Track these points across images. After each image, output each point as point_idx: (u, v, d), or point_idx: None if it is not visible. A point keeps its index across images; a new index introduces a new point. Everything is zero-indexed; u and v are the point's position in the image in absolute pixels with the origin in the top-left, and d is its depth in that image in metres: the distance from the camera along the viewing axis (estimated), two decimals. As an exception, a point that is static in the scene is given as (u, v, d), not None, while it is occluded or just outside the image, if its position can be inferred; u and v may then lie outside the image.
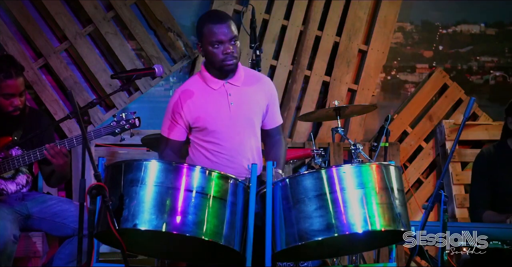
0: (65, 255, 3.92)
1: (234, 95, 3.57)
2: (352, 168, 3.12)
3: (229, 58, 3.49)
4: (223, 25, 3.48)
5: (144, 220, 2.98)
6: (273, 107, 3.67)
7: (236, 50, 3.50)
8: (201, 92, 3.57)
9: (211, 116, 3.53)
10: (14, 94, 4.03)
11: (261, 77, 3.71)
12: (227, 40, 3.47)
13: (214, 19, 3.52)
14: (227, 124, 3.53)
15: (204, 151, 3.57)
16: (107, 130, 3.87)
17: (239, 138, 3.55)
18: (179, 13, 5.60)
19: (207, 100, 3.55)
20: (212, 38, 3.48)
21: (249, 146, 3.57)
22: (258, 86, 3.63)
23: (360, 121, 5.86)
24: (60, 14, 5.31)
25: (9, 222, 3.85)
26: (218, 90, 3.57)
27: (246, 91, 3.59)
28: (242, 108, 3.56)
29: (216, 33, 3.47)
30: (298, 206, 3.06)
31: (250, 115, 3.58)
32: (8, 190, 4.07)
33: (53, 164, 3.91)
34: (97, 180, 2.96)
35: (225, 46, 3.47)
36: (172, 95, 3.66)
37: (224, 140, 3.54)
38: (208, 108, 3.54)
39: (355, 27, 5.87)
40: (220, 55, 3.49)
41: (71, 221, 3.95)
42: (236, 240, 3.08)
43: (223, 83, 3.57)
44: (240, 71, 3.61)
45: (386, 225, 3.05)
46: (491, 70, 6.30)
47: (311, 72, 5.80)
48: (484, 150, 4.35)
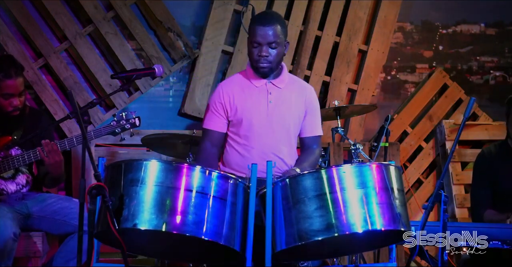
0: (66, 252, 3.92)
1: (274, 94, 3.68)
2: (352, 167, 3.12)
3: (262, 61, 3.61)
4: (265, 28, 3.59)
5: (144, 220, 2.98)
6: (311, 115, 3.77)
7: (274, 55, 3.61)
8: (243, 87, 3.70)
9: (248, 111, 3.65)
10: (14, 95, 4.03)
11: (304, 85, 3.84)
12: (265, 43, 3.58)
13: (260, 20, 3.66)
14: (263, 121, 3.65)
15: (237, 146, 3.68)
16: (107, 130, 3.88)
17: (273, 136, 3.65)
18: (179, 13, 5.60)
19: (248, 95, 3.67)
20: (253, 38, 3.62)
21: (282, 145, 3.67)
22: (300, 92, 3.75)
23: (360, 121, 5.86)
24: (60, 14, 5.31)
25: (9, 220, 3.85)
26: (259, 88, 3.69)
27: (286, 94, 3.71)
28: (280, 108, 3.68)
29: (256, 34, 3.60)
30: (298, 206, 3.06)
31: (286, 116, 3.68)
32: (8, 190, 4.07)
33: (46, 164, 3.91)
34: (97, 180, 2.96)
35: (262, 49, 3.59)
36: (216, 87, 3.78)
37: (258, 136, 3.64)
38: (247, 102, 3.66)
39: (355, 27, 5.87)
40: (255, 55, 3.62)
41: (72, 218, 3.95)
42: (236, 240, 3.08)
43: (265, 82, 3.70)
44: (284, 75, 3.74)
45: (386, 225, 3.05)
46: (491, 70, 6.30)
47: (311, 72, 5.80)
48: (485, 150, 4.35)
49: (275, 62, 3.64)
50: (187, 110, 5.55)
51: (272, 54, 3.61)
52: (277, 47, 3.61)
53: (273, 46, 3.60)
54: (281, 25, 3.64)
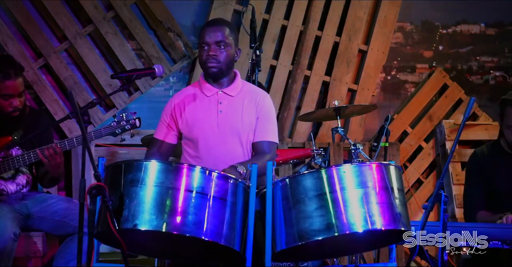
0: (66, 253, 3.92)
1: (225, 104, 3.62)
2: (352, 167, 3.11)
3: (210, 61, 3.56)
4: (212, 28, 3.58)
5: (144, 220, 2.98)
6: (262, 120, 3.64)
7: (222, 55, 3.56)
8: (194, 98, 3.65)
9: (198, 122, 3.60)
10: (13, 95, 4.03)
11: (257, 91, 3.73)
12: (213, 42, 3.55)
13: (209, 22, 3.68)
14: (213, 132, 3.59)
15: (189, 157, 3.63)
16: (107, 131, 3.88)
17: (224, 147, 3.59)
18: (179, 13, 5.60)
19: (198, 106, 3.62)
20: (200, 39, 3.61)
21: (233, 155, 3.58)
22: (251, 98, 3.66)
23: (360, 121, 5.86)
24: (60, 14, 5.31)
25: (9, 220, 3.85)
26: (210, 98, 3.64)
27: (238, 102, 3.64)
28: (230, 118, 3.60)
29: (204, 35, 3.59)
30: (298, 206, 3.05)
31: (237, 125, 3.60)
32: (8, 190, 4.07)
33: (46, 165, 3.91)
34: (97, 180, 2.96)
35: (210, 48, 3.56)
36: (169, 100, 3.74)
37: (208, 147, 3.58)
38: (197, 114, 3.61)
39: (355, 27, 5.87)
40: (203, 56, 3.58)
41: (71, 219, 3.95)
42: (236, 240, 3.08)
43: (217, 91, 3.64)
44: (238, 82, 3.68)
45: (386, 225, 3.05)
46: (491, 70, 6.31)
47: (311, 72, 5.80)
48: (477, 150, 4.34)
49: (224, 63, 3.57)
50: (187, 110, 5.54)
51: (221, 54, 3.55)
52: (226, 47, 3.56)
53: (221, 46, 3.55)
54: (230, 28, 3.62)
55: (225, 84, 3.65)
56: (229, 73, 3.65)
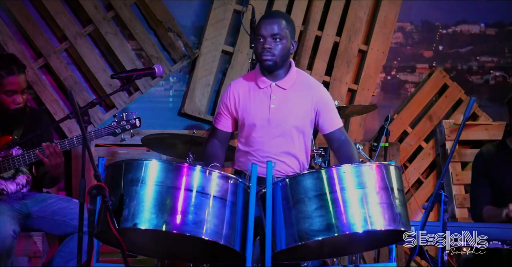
0: (66, 253, 3.92)
1: (277, 98, 3.63)
2: (352, 167, 3.11)
3: (265, 53, 3.57)
4: (268, 21, 3.60)
5: (144, 220, 2.98)
6: (326, 111, 3.70)
7: (278, 48, 3.57)
8: (249, 88, 3.67)
9: (250, 114, 3.64)
10: (17, 91, 4.03)
11: (312, 84, 3.75)
12: (269, 35, 3.56)
13: (266, 15, 3.73)
14: (263, 126, 3.62)
15: (242, 146, 3.70)
16: (107, 131, 3.88)
17: (273, 141, 3.62)
18: (179, 13, 5.60)
19: (252, 98, 3.65)
20: (257, 32, 3.62)
21: (283, 149, 3.63)
22: (306, 92, 3.68)
23: (360, 121, 5.86)
24: (60, 14, 5.31)
25: (8, 217, 3.85)
26: (263, 90, 3.66)
27: (291, 96, 3.65)
28: (282, 113, 3.62)
29: (260, 27, 3.60)
30: (298, 206, 3.05)
31: (288, 120, 3.62)
32: (8, 190, 4.07)
33: (46, 165, 3.91)
34: (97, 180, 2.95)
35: (265, 41, 3.57)
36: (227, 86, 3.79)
37: (258, 139, 3.63)
38: (250, 106, 3.64)
39: (355, 27, 5.87)
40: (259, 48, 3.60)
41: (71, 218, 3.95)
42: (236, 240, 3.08)
43: (270, 84, 3.65)
44: (292, 74, 3.68)
45: (386, 225, 3.05)
46: (491, 70, 6.31)
47: (311, 72, 5.80)
48: (483, 149, 4.34)
49: (279, 56, 3.58)
50: (187, 110, 5.55)
51: (276, 47, 3.56)
52: (281, 40, 3.57)
53: (276, 39, 3.56)
54: (286, 21, 3.62)
55: (279, 76, 3.66)
56: (284, 65, 3.66)
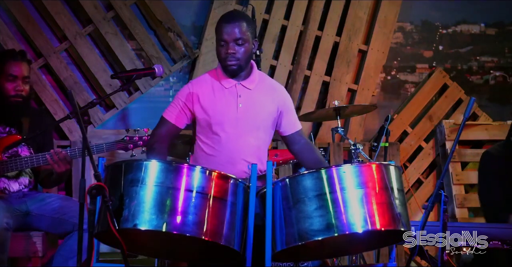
0: (65, 251, 3.91)
1: (244, 97, 3.60)
2: (352, 167, 3.11)
3: (230, 59, 3.53)
4: (230, 25, 3.53)
5: (144, 220, 2.98)
6: (287, 114, 3.70)
7: (241, 52, 3.53)
8: (213, 88, 3.62)
9: (217, 114, 3.57)
10: (17, 77, 4.03)
11: (275, 85, 3.75)
12: (231, 40, 3.51)
13: (225, 18, 3.59)
14: (232, 125, 3.57)
15: (205, 147, 3.60)
16: (120, 145, 3.92)
17: (242, 140, 3.58)
18: (179, 13, 5.60)
19: (217, 97, 3.60)
20: (218, 36, 3.55)
21: (252, 149, 3.59)
22: (271, 93, 3.67)
23: (360, 121, 5.86)
24: (60, 14, 5.31)
25: (1, 209, 3.83)
26: (229, 90, 3.61)
27: (256, 96, 3.63)
28: (250, 111, 3.60)
29: (222, 32, 3.53)
30: (298, 206, 3.05)
31: (256, 119, 3.60)
32: (10, 188, 4.07)
33: (55, 170, 3.92)
34: (97, 180, 2.95)
35: (228, 46, 3.52)
36: (186, 84, 3.70)
37: (226, 140, 3.57)
38: (216, 105, 3.58)
39: (355, 27, 5.87)
40: (223, 54, 3.54)
41: (71, 216, 3.95)
42: (236, 240, 3.08)
43: (235, 83, 3.61)
44: (255, 75, 3.66)
45: (386, 225, 3.05)
46: (491, 70, 6.30)
47: (311, 72, 5.80)
48: (492, 150, 4.29)
49: (243, 60, 3.55)
50: (187, 110, 5.54)
51: (239, 51, 3.53)
52: (244, 44, 3.53)
53: (239, 43, 3.52)
54: (247, 22, 3.57)
55: (243, 77, 3.63)
56: (247, 67, 3.64)
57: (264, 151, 3.67)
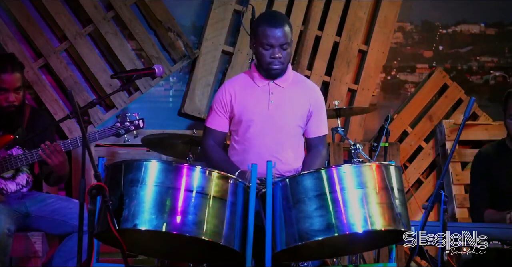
0: (65, 252, 3.92)
1: (276, 94, 3.66)
2: (352, 167, 3.12)
3: (275, 63, 3.59)
4: (276, 30, 3.57)
5: (144, 220, 2.98)
6: (317, 116, 3.74)
7: (285, 56, 3.59)
8: (245, 87, 3.68)
9: (249, 110, 3.64)
10: (8, 90, 4.01)
11: (309, 85, 3.79)
12: (278, 45, 3.56)
13: (270, 21, 3.61)
14: (263, 122, 3.63)
15: (237, 145, 3.68)
16: (111, 132, 3.89)
17: (272, 137, 3.63)
18: (179, 13, 5.60)
19: (249, 95, 3.66)
20: (264, 40, 3.57)
21: (282, 146, 3.64)
22: (304, 91, 3.71)
23: (360, 121, 5.86)
24: (60, 14, 5.31)
25: (3, 215, 3.83)
26: (261, 88, 3.67)
27: (289, 93, 3.68)
28: (281, 109, 3.65)
29: (268, 36, 3.56)
30: (298, 206, 3.06)
31: (287, 117, 3.65)
32: (8, 189, 4.07)
33: (50, 164, 3.91)
34: (97, 180, 2.95)
35: (274, 51, 3.57)
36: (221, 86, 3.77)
37: (257, 137, 3.63)
38: (248, 102, 3.64)
39: (355, 27, 5.87)
40: (268, 58, 3.59)
41: (70, 218, 3.95)
42: (236, 240, 3.08)
43: (268, 82, 3.67)
44: (289, 73, 3.70)
45: (386, 225, 3.05)
46: (491, 70, 6.30)
47: (311, 72, 5.80)
48: (482, 150, 4.34)
49: (286, 63, 3.64)
50: (187, 110, 5.55)
51: (284, 55, 3.59)
52: (288, 48, 3.60)
53: (284, 48, 3.58)
54: (289, 25, 3.63)
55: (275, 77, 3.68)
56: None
57: (297, 150, 3.70)
